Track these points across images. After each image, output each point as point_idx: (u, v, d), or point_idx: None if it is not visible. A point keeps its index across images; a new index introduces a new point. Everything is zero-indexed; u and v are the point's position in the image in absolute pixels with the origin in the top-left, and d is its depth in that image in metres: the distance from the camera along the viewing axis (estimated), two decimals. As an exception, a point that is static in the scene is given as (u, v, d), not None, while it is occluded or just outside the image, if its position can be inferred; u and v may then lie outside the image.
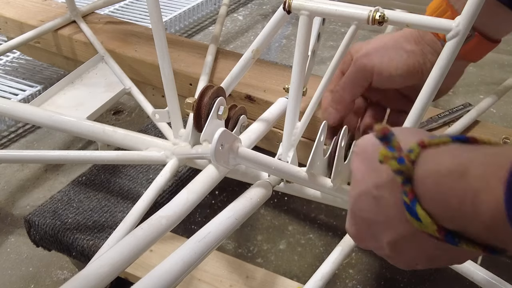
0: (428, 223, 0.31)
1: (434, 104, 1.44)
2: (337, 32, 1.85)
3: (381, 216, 0.36)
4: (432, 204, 0.31)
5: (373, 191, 0.35)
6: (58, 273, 0.97)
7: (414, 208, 0.31)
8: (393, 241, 0.36)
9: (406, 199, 0.31)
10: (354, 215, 0.39)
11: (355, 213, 0.39)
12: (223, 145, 0.60)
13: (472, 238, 0.30)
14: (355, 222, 0.40)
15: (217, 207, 1.09)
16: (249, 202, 0.61)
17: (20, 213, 1.09)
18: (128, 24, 1.32)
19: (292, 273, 0.96)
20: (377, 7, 0.64)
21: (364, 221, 0.38)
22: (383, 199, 0.35)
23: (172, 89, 0.82)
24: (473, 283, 0.62)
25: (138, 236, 0.53)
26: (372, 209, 0.36)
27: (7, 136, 1.33)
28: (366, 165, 0.37)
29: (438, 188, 0.30)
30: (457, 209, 0.29)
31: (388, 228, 0.36)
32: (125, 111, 1.42)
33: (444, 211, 0.30)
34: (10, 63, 1.54)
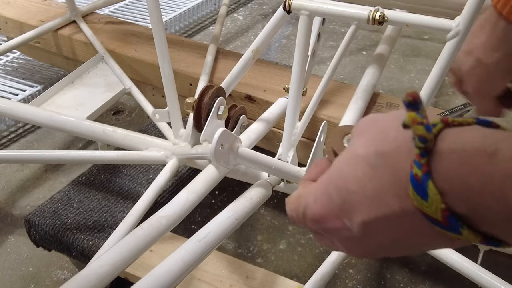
0: (436, 202, 0.29)
1: (434, 104, 1.44)
2: (337, 32, 1.85)
3: (368, 189, 0.32)
4: (448, 183, 0.29)
5: (372, 158, 0.32)
6: (58, 273, 0.97)
7: (425, 183, 0.29)
8: (370, 220, 0.32)
9: (419, 171, 0.29)
10: (330, 183, 0.34)
11: (332, 182, 0.34)
12: (223, 145, 0.60)
13: (476, 225, 0.29)
14: (327, 193, 0.35)
15: (217, 207, 1.09)
16: (249, 202, 0.61)
17: (20, 213, 1.09)
18: (128, 24, 1.32)
19: (292, 273, 0.96)
20: (377, 7, 0.64)
21: (341, 192, 0.33)
22: (380, 169, 0.32)
23: (172, 89, 0.82)
24: (473, 283, 0.63)
25: (138, 236, 0.53)
26: (361, 179, 0.32)
27: (7, 136, 1.33)
28: (372, 133, 0.33)
29: (461, 166, 0.28)
30: (478, 192, 0.27)
31: (371, 204, 0.32)
32: (125, 111, 1.42)
33: (461, 192, 0.28)
34: (10, 63, 1.54)
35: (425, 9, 1.02)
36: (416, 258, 0.98)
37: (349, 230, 0.34)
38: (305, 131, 0.78)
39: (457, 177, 0.28)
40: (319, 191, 0.36)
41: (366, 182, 0.32)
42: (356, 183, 0.33)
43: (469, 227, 0.29)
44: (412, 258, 0.98)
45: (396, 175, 0.31)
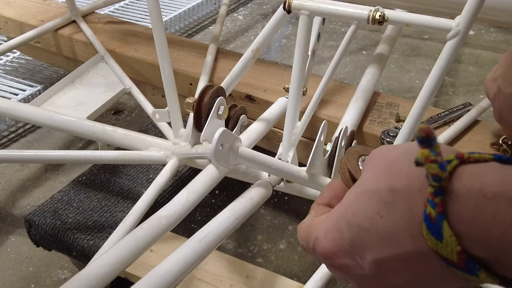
0: (451, 244, 0.27)
1: (434, 104, 1.44)
2: (337, 32, 1.85)
3: (380, 226, 0.30)
4: (465, 226, 0.27)
5: (383, 194, 0.30)
6: (58, 273, 0.97)
7: (439, 224, 0.27)
8: (382, 259, 0.31)
9: (433, 211, 0.27)
10: (341, 218, 0.33)
11: (343, 216, 0.33)
12: (223, 145, 0.60)
13: (494, 269, 0.27)
14: (337, 227, 0.33)
15: (217, 206, 1.09)
16: (249, 202, 0.61)
17: (20, 213, 1.09)
18: (128, 24, 1.32)
19: (293, 273, 0.96)
20: (377, 7, 0.64)
21: (352, 228, 0.32)
22: (392, 206, 0.30)
23: (172, 89, 0.82)
24: (473, 283, 0.62)
25: (138, 236, 0.53)
26: (372, 215, 0.31)
27: (7, 136, 1.33)
28: (383, 166, 0.32)
29: (479, 211, 0.26)
30: (498, 239, 0.26)
31: (383, 243, 0.30)
32: (125, 111, 1.42)
33: (478, 237, 0.27)
34: (10, 63, 1.54)
35: (425, 9, 1.02)
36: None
37: (361, 268, 0.32)
38: (305, 131, 0.78)
39: (474, 221, 0.27)
40: (329, 225, 0.34)
41: (378, 219, 0.31)
42: (368, 219, 0.31)
43: (487, 270, 0.27)
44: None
45: (409, 213, 0.29)
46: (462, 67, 1.66)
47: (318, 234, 0.35)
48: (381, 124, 0.92)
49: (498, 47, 1.79)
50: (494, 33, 1.87)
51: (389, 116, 0.94)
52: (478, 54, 1.74)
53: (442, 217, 0.27)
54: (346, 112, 0.87)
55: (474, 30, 1.88)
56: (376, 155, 0.34)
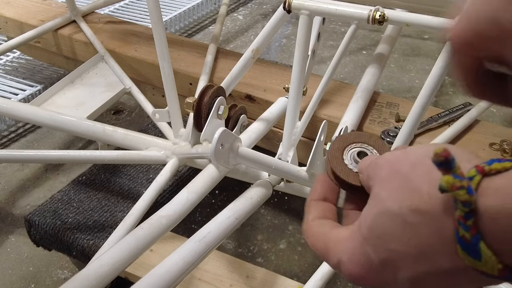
0: (491, 262, 0.27)
1: (434, 104, 1.44)
2: (337, 32, 1.85)
3: (411, 247, 0.30)
4: (503, 244, 0.27)
5: (407, 216, 0.30)
6: (58, 273, 0.97)
7: (476, 245, 0.27)
8: (418, 275, 0.31)
9: (467, 234, 0.27)
10: (366, 244, 0.32)
11: (368, 241, 0.32)
12: (223, 145, 0.60)
13: None
14: (363, 252, 0.32)
15: (217, 206, 1.09)
16: (249, 202, 0.61)
17: (21, 213, 1.09)
18: (128, 23, 1.32)
19: (293, 273, 0.96)
20: (377, 7, 0.64)
21: (380, 252, 0.31)
22: (419, 227, 0.29)
23: (172, 88, 0.82)
24: (473, 283, 0.62)
25: (138, 236, 0.53)
26: (400, 237, 0.30)
27: (7, 136, 1.33)
28: (398, 182, 0.31)
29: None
30: None
31: (416, 261, 0.30)
32: (125, 110, 1.42)
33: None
34: (10, 62, 1.54)
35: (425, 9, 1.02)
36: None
37: (395, 284, 0.32)
38: (305, 130, 0.78)
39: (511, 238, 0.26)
40: (353, 248, 0.33)
41: (406, 240, 0.30)
42: (396, 241, 0.30)
43: None
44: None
45: (439, 233, 0.29)
46: (462, 67, 1.66)
47: (341, 258, 0.34)
48: (381, 124, 0.92)
49: (498, 47, 1.79)
50: (494, 33, 1.87)
51: (389, 116, 0.94)
52: (478, 54, 1.74)
53: (478, 238, 0.27)
54: (346, 112, 0.87)
55: (474, 30, 1.88)
56: (384, 167, 0.33)
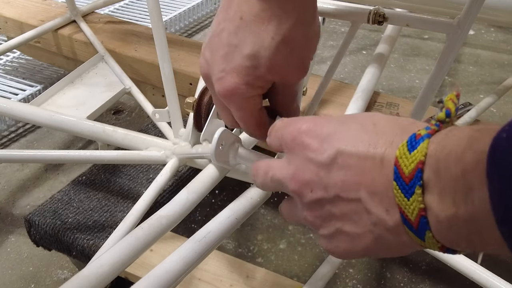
0: (432, 244, 0.30)
1: (434, 103, 1.44)
2: (337, 32, 1.85)
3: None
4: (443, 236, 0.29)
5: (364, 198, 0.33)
6: (58, 273, 0.97)
7: (423, 232, 0.29)
8: (374, 243, 0.34)
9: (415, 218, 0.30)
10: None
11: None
12: (223, 145, 0.60)
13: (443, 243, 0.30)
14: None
15: (217, 206, 1.09)
16: (249, 202, 0.61)
17: (20, 213, 1.09)
18: (128, 23, 1.32)
19: (293, 273, 0.96)
20: (377, 7, 0.64)
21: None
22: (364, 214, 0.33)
23: (172, 88, 0.82)
24: (473, 282, 0.63)
25: (138, 236, 0.53)
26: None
27: (7, 136, 1.33)
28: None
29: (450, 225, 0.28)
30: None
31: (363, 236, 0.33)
32: (125, 110, 1.42)
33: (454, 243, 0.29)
34: (10, 62, 1.54)
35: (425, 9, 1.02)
36: (416, 257, 0.98)
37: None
38: (305, 130, 0.78)
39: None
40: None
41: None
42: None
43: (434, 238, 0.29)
44: (412, 258, 0.99)
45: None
46: (462, 67, 1.66)
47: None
48: (381, 124, 0.92)
49: (498, 47, 1.79)
50: (494, 33, 1.87)
51: (389, 116, 0.94)
52: (478, 54, 1.74)
53: (424, 223, 0.29)
54: (346, 112, 0.87)
55: (474, 30, 1.88)
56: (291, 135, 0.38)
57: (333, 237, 0.36)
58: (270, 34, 0.41)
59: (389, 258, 0.98)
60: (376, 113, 0.35)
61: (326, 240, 0.37)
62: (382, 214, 0.31)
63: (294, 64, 0.44)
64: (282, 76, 0.44)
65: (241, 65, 0.42)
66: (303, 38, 0.43)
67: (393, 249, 0.33)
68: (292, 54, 0.43)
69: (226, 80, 0.43)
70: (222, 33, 0.44)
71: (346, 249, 0.35)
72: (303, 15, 0.42)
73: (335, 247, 0.36)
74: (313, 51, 0.46)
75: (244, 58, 0.42)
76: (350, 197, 0.33)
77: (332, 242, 0.36)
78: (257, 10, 0.41)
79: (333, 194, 0.34)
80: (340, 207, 0.34)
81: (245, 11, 0.42)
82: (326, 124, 0.36)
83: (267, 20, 0.41)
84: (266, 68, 0.42)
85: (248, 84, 0.43)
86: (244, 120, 0.47)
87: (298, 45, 0.43)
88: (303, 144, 0.36)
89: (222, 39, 0.44)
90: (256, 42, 0.41)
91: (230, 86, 0.43)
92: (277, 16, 0.41)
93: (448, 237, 0.28)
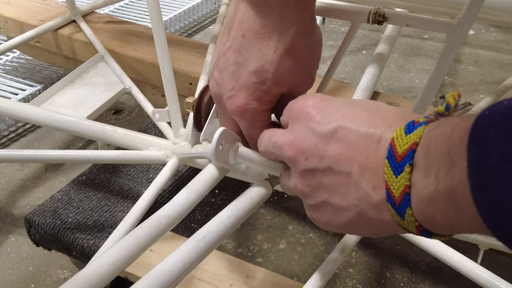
0: (411, 223, 0.31)
1: (434, 104, 1.44)
2: (337, 32, 1.85)
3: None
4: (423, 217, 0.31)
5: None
6: (58, 273, 0.97)
7: (404, 209, 0.31)
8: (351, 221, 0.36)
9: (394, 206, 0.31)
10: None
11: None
12: (223, 145, 0.60)
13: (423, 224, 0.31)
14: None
15: (217, 206, 1.09)
16: (249, 202, 0.61)
17: (20, 213, 1.09)
18: (128, 23, 1.32)
19: (292, 273, 0.96)
20: (377, 6, 0.64)
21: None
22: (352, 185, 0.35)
23: (172, 88, 0.82)
24: (473, 282, 0.63)
25: (138, 236, 0.53)
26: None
27: (7, 136, 1.33)
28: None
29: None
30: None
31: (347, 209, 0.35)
32: (125, 110, 1.42)
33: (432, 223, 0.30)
34: (10, 62, 1.54)
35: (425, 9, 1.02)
36: (416, 257, 0.98)
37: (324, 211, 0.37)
38: (305, 130, 0.78)
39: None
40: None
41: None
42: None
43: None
44: (412, 258, 0.99)
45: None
46: (462, 66, 1.66)
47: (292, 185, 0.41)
48: (381, 124, 0.92)
49: (498, 46, 1.79)
50: (494, 33, 1.87)
51: (389, 116, 0.94)
52: (478, 54, 1.74)
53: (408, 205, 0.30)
54: (346, 112, 0.86)
55: (474, 30, 1.88)
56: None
57: (319, 207, 0.38)
58: (272, 49, 0.43)
59: (389, 258, 0.98)
60: (381, 102, 0.37)
61: (311, 209, 0.39)
62: (369, 190, 0.33)
63: (300, 75, 0.46)
64: (289, 88, 0.46)
65: (248, 82, 0.44)
66: (305, 49, 0.45)
67: (372, 227, 0.35)
68: (296, 65, 0.44)
69: (237, 98, 0.45)
70: (227, 53, 0.45)
71: (329, 219, 0.38)
72: (302, 27, 0.43)
73: (319, 216, 0.38)
74: (317, 60, 0.48)
75: (251, 75, 0.44)
76: (342, 170, 0.34)
77: (317, 211, 0.38)
78: (257, 27, 0.42)
79: (326, 165, 0.35)
80: (330, 178, 0.35)
81: (246, 29, 0.43)
82: (333, 102, 0.38)
83: (268, 35, 0.43)
84: (273, 82, 0.44)
85: (258, 99, 0.45)
86: (253, 136, 0.49)
87: (301, 56, 0.44)
88: (308, 115, 0.38)
89: (228, 58, 0.45)
90: (260, 58, 0.43)
91: (241, 103, 0.45)
92: (276, 31, 0.42)
93: (426, 213, 0.30)
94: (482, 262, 0.68)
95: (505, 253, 0.91)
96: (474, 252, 0.70)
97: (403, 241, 0.70)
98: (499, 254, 0.89)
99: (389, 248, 1.00)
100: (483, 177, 0.24)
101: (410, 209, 0.30)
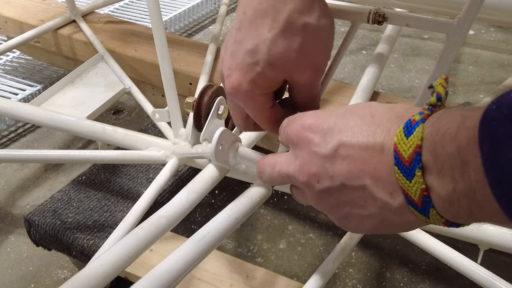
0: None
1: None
2: (337, 32, 1.84)
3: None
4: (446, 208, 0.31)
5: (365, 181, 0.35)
6: (58, 273, 0.97)
7: (427, 210, 0.31)
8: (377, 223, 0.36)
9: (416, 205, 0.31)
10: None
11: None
12: (223, 145, 0.60)
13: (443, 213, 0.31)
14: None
15: (217, 206, 1.09)
16: (249, 202, 0.61)
17: (20, 213, 1.09)
18: (128, 23, 1.32)
19: (292, 273, 0.96)
20: (376, 7, 0.64)
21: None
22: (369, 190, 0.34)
23: (172, 88, 0.82)
24: (473, 282, 0.63)
25: (138, 236, 0.53)
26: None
27: (7, 136, 1.33)
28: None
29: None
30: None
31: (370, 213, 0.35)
32: (125, 110, 1.42)
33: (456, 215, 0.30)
34: (10, 62, 1.54)
35: (425, 9, 1.02)
36: (416, 257, 0.98)
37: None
38: (305, 130, 0.78)
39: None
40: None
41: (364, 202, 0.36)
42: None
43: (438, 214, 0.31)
44: (412, 258, 0.99)
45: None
46: (462, 67, 1.66)
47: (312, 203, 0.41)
48: (381, 124, 0.92)
49: (498, 47, 1.79)
50: (494, 33, 1.87)
51: (389, 116, 0.94)
52: (478, 54, 1.74)
53: (428, 201, 0.30)
54: (346, 112, 0.86)
55: (474, 30, 1.88)
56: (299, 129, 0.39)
57: (343, 218, 0.38)
58: (267, 27, 0.40)
59: (389, 258, 0.98)
60: (373, 103, 0.36)
61: (337, 220, 0.39)
62: (387, 198, 0.33)
63: (298, 60, 0.42)
64: (288, 74, 0.43)
65: (243, 62, 0.42)
66: (303, 31, 0.41)
67: (399, 227, 0.35)
68: (292, 48, 0.41)
69: (231, 77, 0.43)
70: (232, 31, 0.43)
71: (356, 227, 0.38)
72: (301, 5, 0.40)
73: (346, 225, 0.39)
74: (323, 47, 0.43)
75: (246, 54, 0.41)
76: (355, 185, 0.34)
77: (343, 221, 0.39)
78: (255, 3, 0.40)
79: (339, 183, 0.35)
80: (347, 194, 0.36)
81: (247, 5, 0.41)
82: (327, 118, 0.37)
83: (264, 12, 0.40)
84: (266, 63, 0.41)
85: (252, 82, 0.42)
86: (254, 116, 0.47)
87: (298, 39, 0.41)
88: (306, 139, 0.37)
89: (231, 36, 0.43)
90: (255, 37, 0.41)
91: (234, 83, 0.43)
92: (272, 7, 0.40)
93: (450, 212, 0.30)
94: (482, 262, 0.68)
95: (505, 253, 0.91)
96: (474, 252, 0.70)
97: (403, 241, 0.70)
98: (499, 254, 0.89)
99: (389, 248, 1.00)
100: (499, 172, 0.25)
101: (434, 209, 0.30)
